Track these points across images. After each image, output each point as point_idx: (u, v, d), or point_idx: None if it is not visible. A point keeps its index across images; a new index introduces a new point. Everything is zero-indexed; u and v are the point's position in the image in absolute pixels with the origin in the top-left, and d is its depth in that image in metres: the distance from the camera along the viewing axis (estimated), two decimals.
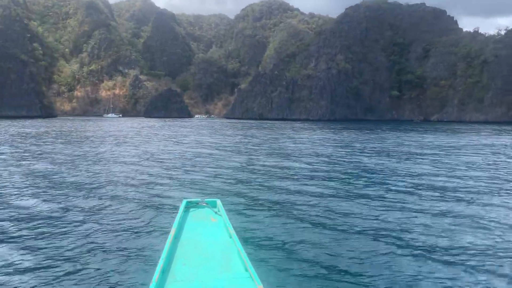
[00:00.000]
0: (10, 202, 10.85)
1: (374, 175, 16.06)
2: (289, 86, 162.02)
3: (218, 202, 5.53)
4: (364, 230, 8.65)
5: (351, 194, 12.44)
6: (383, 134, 50.52)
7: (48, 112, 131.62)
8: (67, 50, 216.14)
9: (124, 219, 9.32)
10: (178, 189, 13.04)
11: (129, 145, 29.69)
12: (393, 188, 13.40)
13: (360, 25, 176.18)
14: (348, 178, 15.31)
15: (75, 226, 8.72)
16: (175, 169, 17.50)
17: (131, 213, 9.92)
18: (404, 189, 13.24)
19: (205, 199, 5.63)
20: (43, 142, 30.79)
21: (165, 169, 17.62)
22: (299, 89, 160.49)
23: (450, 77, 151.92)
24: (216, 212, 5.23)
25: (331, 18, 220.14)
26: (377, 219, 9.51)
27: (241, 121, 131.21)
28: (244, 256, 3.70)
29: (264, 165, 18.86)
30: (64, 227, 8.59)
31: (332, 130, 60.91)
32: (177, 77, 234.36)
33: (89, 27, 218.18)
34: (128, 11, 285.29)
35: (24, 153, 22.82)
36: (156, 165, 18.92)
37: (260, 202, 11.32)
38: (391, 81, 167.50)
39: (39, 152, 23.40)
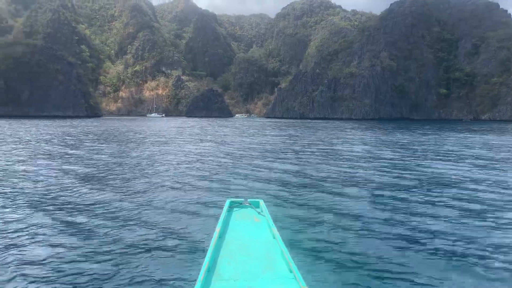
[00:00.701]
0: (61, 197, 10.55)
1: (449, 183, 13.87)
2: (331, 85, 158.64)
3: (261, 202, 5.44)
4: (439, 249, 6.78)
5: (427, 205, 10.44)
6: (439, 134, 47.20)
7: (94, 112, 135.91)
8: (112, 51, 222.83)
9: (170, 217, 9.22)
10: (222, 189, 12.47)
11: (173, 144, 28.83)
12: (485, 201, 11.24)
13: (405, 21, 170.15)
14: (420, 186, 13.23)
15: (119, 223, 8.66)
16: (219, 169, 16.71)
17: (176, 210, 9.81)
18: (499, 202, 11.06)
19: (249, 199, 5.54)
20: (89, 141, 30.47)
21: (209, 168, 16.91)
22: (342, 87, 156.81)
23: (502, 73, 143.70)
24: (259, 213, 5.12)
25: (374, 14, 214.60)
26: (460, 237, 7.53)
27: (282, 120, 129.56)
28: (288, 257, 3.67)
29: (314, 168, 17.14)
30: (109, 224, 8.58)
31: (382, 130, 57.95)
32: (218, 77, 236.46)
33: (134, 29, 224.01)
34: (171, 13, 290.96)
35: (74, 150, 22.31)
36: (201, 164, 18.15)
37: (306, 206, 10.29)
38: (438, 78, 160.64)
39: (83, 152, 22.83)
